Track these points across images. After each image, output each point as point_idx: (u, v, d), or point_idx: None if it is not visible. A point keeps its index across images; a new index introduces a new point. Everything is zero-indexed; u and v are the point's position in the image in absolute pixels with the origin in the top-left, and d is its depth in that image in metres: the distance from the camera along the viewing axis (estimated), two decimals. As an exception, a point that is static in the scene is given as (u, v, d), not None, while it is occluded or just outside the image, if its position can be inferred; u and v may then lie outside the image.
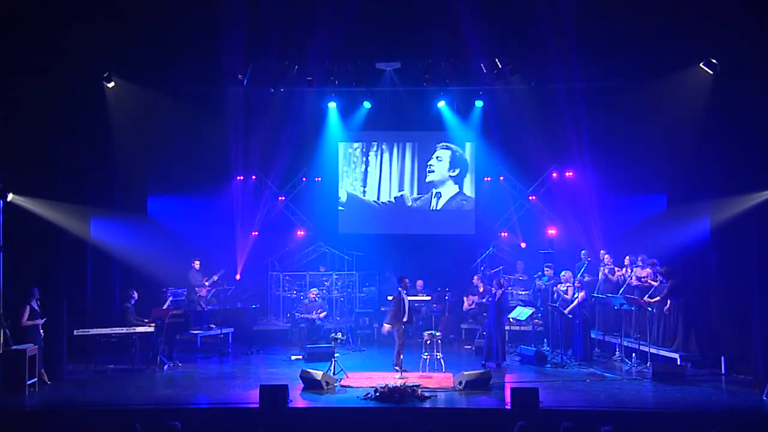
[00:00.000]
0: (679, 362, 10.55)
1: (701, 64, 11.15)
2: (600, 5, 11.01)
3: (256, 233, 14.94)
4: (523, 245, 14.73)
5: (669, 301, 10.83)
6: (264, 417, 8.26)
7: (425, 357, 10.71)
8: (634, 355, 11.07)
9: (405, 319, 10.76)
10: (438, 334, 10.90)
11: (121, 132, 12.44)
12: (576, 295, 11.53)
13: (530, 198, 14.85)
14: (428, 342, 10.77)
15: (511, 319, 12.29)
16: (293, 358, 11.98)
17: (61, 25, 10.48)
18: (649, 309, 11.10)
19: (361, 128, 15.33)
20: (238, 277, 14.32)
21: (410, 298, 11.26)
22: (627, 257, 12.04)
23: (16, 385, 9.33)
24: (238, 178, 14.79)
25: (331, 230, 15.48)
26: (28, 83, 10.32)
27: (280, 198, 15.29)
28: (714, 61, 10.94)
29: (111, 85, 12.13)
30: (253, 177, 14.97)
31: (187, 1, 11.19)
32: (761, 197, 9.87)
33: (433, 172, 15.65)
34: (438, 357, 10.73)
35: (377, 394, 8.89)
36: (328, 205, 15.62)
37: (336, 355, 10.57)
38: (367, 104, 14.58)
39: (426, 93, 14.24)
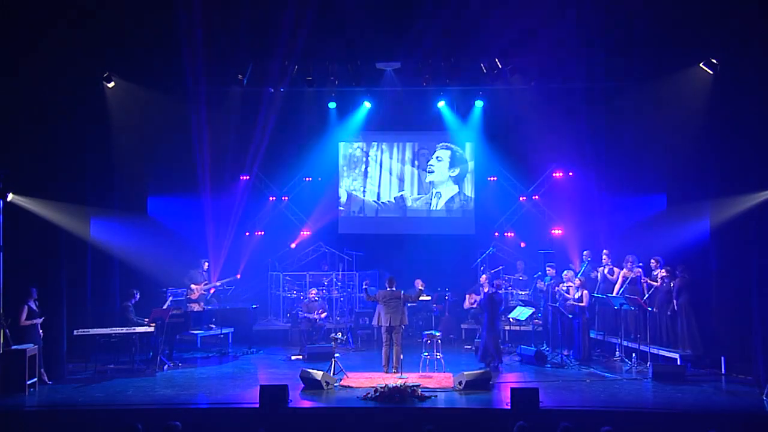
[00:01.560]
0: (679, 362, 10.55)
1: (701, 64, 11.13)
2: (600, 6, 11.00)
3: (262, 233, 14.97)
4: (522, 245, 14.73)
5: (676, 300, 10.85)
6: (264, 417, 8.26)
7: (425, 357, 10.71)
8: (634, 355, 11.07)
9: (376, 323, 10.71)
10: (438, 334, 10.90)
11: (121, 132, 12.42)
12: (577, 295, 11.52)
13: (534, 197, 14.83)
14: (428, 342, 10.77)
15: (511, 319, 12.28)
16: (293, 358, 11.97)
17: (61, 25, 10.46)
18: (649, 309, 11.11)
19: (361, 128, 15.32)
20: (238, 276, 14.32)
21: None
22: (627, 257, 12.04)
23: (16, 385, 9.35)
24: (243, 177, 14.79)
25: (331, 230, 15.48)
26: (27, 83, 10.31)
27: (283, 198, 15.29)
28: (714, 61, 10.92)
29: (111, 85, 12.12)
30: (254, 177, 14.96)
31: (187, 2, 11.18)
32: (761, 197, 9.85)
33: (433, 172, 15.65)
34: (438, 357, 10.74)
35: (377, 394, 8.90)
36: (328, 205, 15.62)
37: (336, 355, 10.57)
38: (367, 104, 14.58)
39: (426, 93, 14.24)
